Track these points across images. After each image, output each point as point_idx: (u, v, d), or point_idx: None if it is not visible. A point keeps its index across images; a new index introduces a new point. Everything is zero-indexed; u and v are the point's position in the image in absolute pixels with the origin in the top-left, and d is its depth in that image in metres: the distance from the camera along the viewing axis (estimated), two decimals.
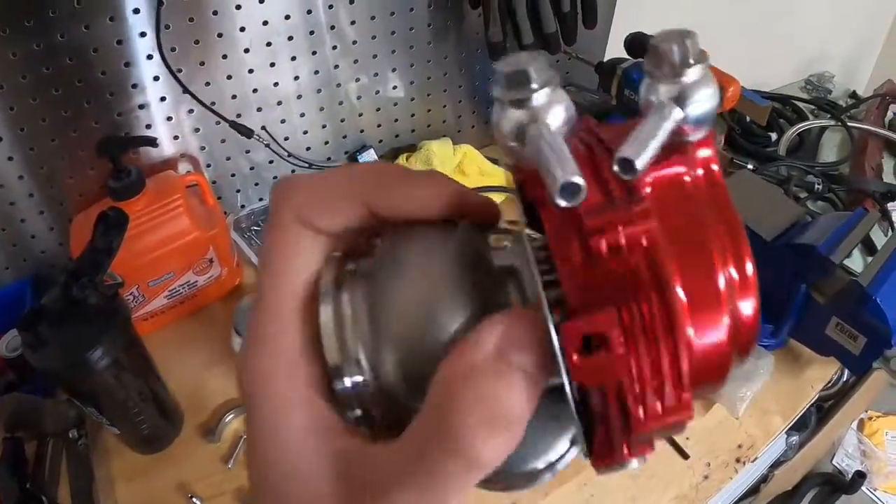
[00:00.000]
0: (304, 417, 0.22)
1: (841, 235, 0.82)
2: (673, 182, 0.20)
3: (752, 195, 0.91)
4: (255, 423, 0.23)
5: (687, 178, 0.20)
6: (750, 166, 1.27)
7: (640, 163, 0.18)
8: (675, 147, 0.20)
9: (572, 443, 0.24)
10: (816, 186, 1.26)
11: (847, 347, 0.82)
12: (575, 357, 0.18)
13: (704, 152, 0.20)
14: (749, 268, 0.20)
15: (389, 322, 0.22)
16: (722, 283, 0.19)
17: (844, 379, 1.23)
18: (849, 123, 1.45)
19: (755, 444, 0.85)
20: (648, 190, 0.20)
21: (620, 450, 0.20)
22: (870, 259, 0.83)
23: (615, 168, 0.19)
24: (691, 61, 0.19)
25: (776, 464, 1.18)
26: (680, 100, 0.19)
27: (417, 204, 0.24)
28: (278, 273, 0.24)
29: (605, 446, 0.20)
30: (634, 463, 0.20)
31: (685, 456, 0.83)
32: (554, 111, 0.19)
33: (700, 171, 0.20)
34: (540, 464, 0.24)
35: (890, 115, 1.51)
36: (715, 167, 0.20)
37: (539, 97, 0.19)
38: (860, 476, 1.44)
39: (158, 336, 0.91)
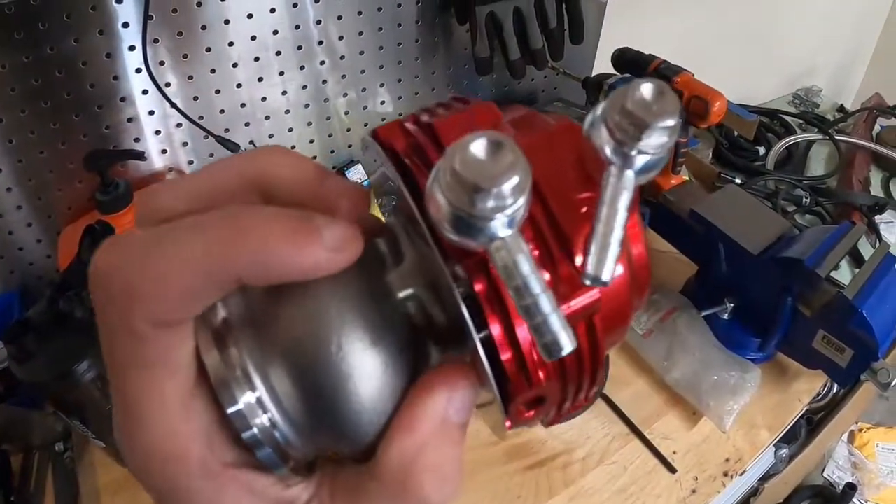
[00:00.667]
0: (235, 492, 0.21)
1: (827, 249, 0.82)
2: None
3: (738, 209, 0.92)
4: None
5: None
6: (738, 180, 1.27)
7: (607, 275, 0.18)
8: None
9: None
10: (804, 200, 1.27)
11: (834, 360, 0.82)
12: (527, 415, 0.21)
13: None
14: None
15: (280, 350, 0.21)
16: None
17: (834, 391, 1.23)
18: (836, 137, 1.46)
19: (743, 457, 0.85)
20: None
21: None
22: (855, 274, 0.83)
23: (586, 281, 0.18)
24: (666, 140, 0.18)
25: (766, 476, 1.17)
26: (631, 161, 0.18)
27: (310, 272, 0.19)
28: (150, 389, 0.20)
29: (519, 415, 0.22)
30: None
31: (672, 470, 0.83)
32: (521, 219, 0.17)
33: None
34: None
35: (877, 128, 1.52)
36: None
37: (513, 217, 0.17)
38: (851, 488, 1.44)
39: None
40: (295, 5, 0.92)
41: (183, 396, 0.20)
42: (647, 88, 0.17)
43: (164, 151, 0.94)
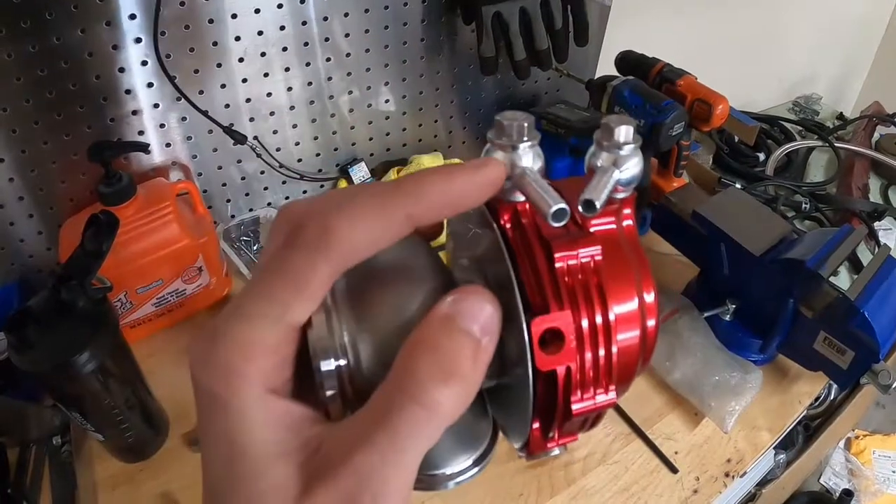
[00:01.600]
0: (271, 412, 0.22)
1: (828, 251, 0.82)
2: (607, 232, 0.26)
3: (740, 211, 0.92)
4: (217, 419, 0.22)
5: (614, 228, 0.26)
6: (738, 186, 1.28)
7: (599, 203, 0.24)
8: (606, 204, 0.25)
9: (474, 464, 0.28)
10: (804, 206, 1.27)
11: (835, 362, 0.82)
12: (538, 345, 0.23)
13: (626, 211, 0.27)
14: (652, 296, 0.26)
15: (370, 318, 0.25)
16: (637, 305, 0.25)
17: (832, 398, 1.23)
18: (836, 144, 1.47)
19: (744, 458, 0.85)
20: (593, 230, 0.26)
21: (553, 435, 0.26)
22: (856, 277, 0.83)
23: (579, 208, 0.24)
24: (630, 140, 0.25)
25: (764, 482, 1.18)
26: (617, 165, 0.25)
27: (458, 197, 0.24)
28: (291, 290, 0.22)
29: (540, 434, 0.26)
30: (557, 450, 0.27)
31: (674, 470, 0.83)
32: (535, 158, 0.25)
33: (624, 225, 0.27)
34: (448, 469, 0.27)
35: (876, 135, 1.53)
36: (631, 223, 0.27)
37: (526, 146, 0.25)
38: (847, 494, 1.44)
39: (145, 344, 0.90)
40: (302, 1, 0.92)
41: (294, 314, 0.22)
42: (623, 119, 0.26)
43: (167, 145, 0.94)
